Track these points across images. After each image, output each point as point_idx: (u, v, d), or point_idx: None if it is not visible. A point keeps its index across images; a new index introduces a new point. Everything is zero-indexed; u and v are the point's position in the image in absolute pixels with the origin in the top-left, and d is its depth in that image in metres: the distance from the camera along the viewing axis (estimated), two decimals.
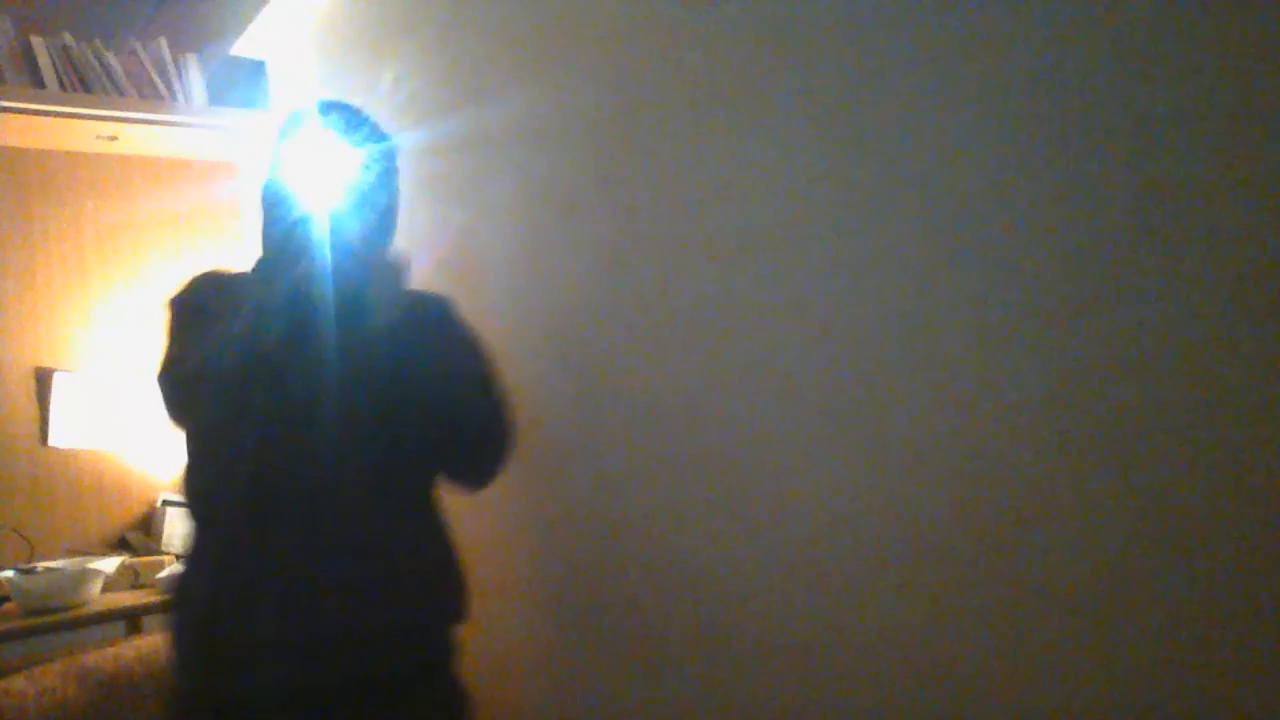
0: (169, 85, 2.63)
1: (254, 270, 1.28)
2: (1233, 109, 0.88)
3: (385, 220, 1.29)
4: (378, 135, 1.34)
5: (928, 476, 1.15)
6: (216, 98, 2.76)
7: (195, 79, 2.68)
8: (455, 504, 1.50)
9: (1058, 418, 1.02)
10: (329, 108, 1.32)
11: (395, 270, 1.24)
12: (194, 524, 1.29)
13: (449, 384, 1.28)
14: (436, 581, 1.33)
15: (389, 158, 1.27)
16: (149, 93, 2.59)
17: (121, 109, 2.52)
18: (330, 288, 1.17)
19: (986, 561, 1.09)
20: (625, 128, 1.56)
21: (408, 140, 2.15)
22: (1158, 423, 0.94)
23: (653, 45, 1.49)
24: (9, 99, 2.36)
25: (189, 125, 2.63)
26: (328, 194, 1.22)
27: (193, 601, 1.24)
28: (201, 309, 1.27)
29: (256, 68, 2.83)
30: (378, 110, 2.25)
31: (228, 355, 1.16)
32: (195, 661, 1.24)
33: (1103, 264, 0.98)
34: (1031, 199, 1.03)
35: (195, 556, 1.28)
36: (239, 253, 2.74)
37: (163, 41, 2.66)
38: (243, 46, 2.69)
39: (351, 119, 1.32)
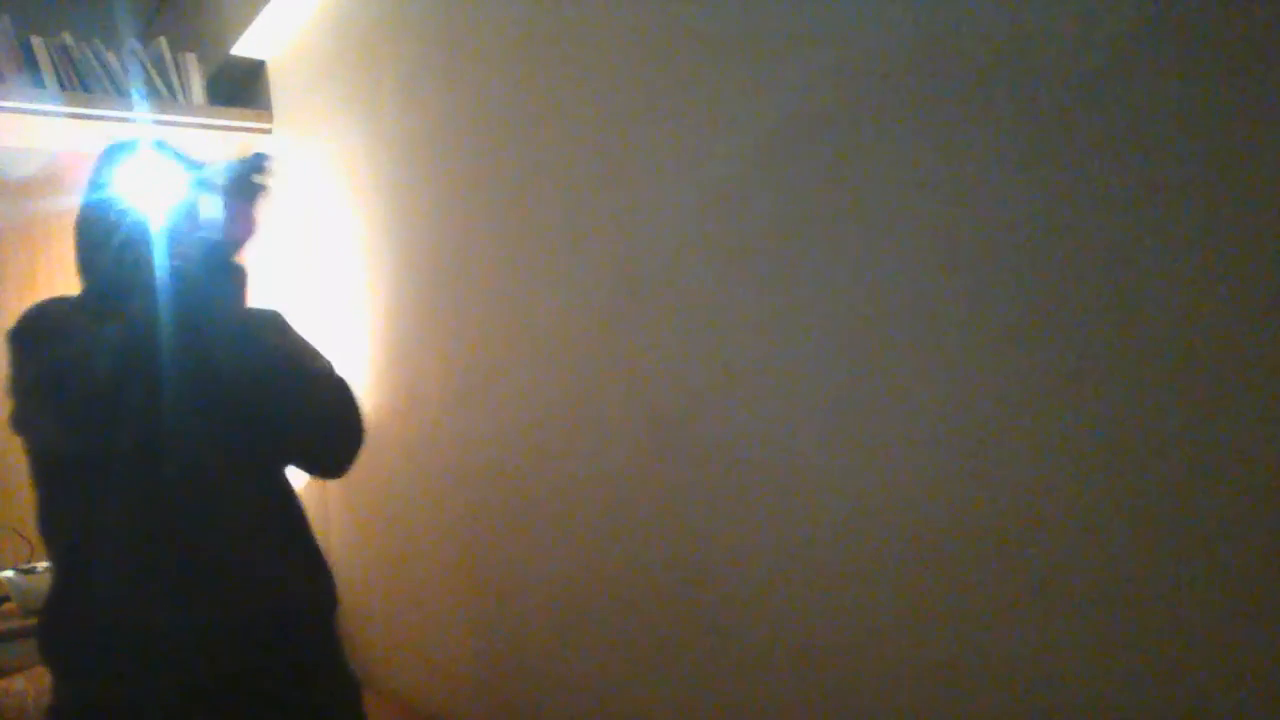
0: (169, 85, 2.64)
1: (85, 295, 1.31)
2: (1233, 109, 0.88)
3: (217, 239, 1.28)
4: (194, 163, 1.35)
5: (928, 476, 1.15)
6: (216, 98, 2.76)
7: (195, 79, 2.69)
8: (453, 505, 1.50)
9: (1058, 418, 1.02)
10: (149, 141, 1.35)
11: (224, 274, 1.24)
12: (59, 553, 1.28)
13: (309, 378, 1.30)
14: (309, 574, 1.35)
15: (212, 182, 1.28)
16: (149, 93, 2.60)
17: (121, 109, 2.52)
18: (167, 303, 1.17)
19: (987, 561, 1.09)
20: (626, 127, 1.56)
21: (409, 138, 2.15)
22: (1158, 423, 0.94)
23: (652, 43, 1.49)
24: (9, 99, 2.36)
25: (189, 125, 2.64)
26: (153, 216, 1.25)
27: (73, 620, 1.23)
28: (47, 327, 1.27)
29: (256, 68, 2.83)
30: (378, 109, 2.26)
31: (74, 379, 1.16)
32: (82, 671, 1.23)
33: (1103, 264, 0.98)
34: (1032, 199, 1.03)
35: (68, 578, 1.26)
36: None
37: (163, 41, 2.66)
38: (243, 46, 2.69)
39: (168, 149, 1.35)
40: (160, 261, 1.20)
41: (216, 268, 1.21)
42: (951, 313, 1.12)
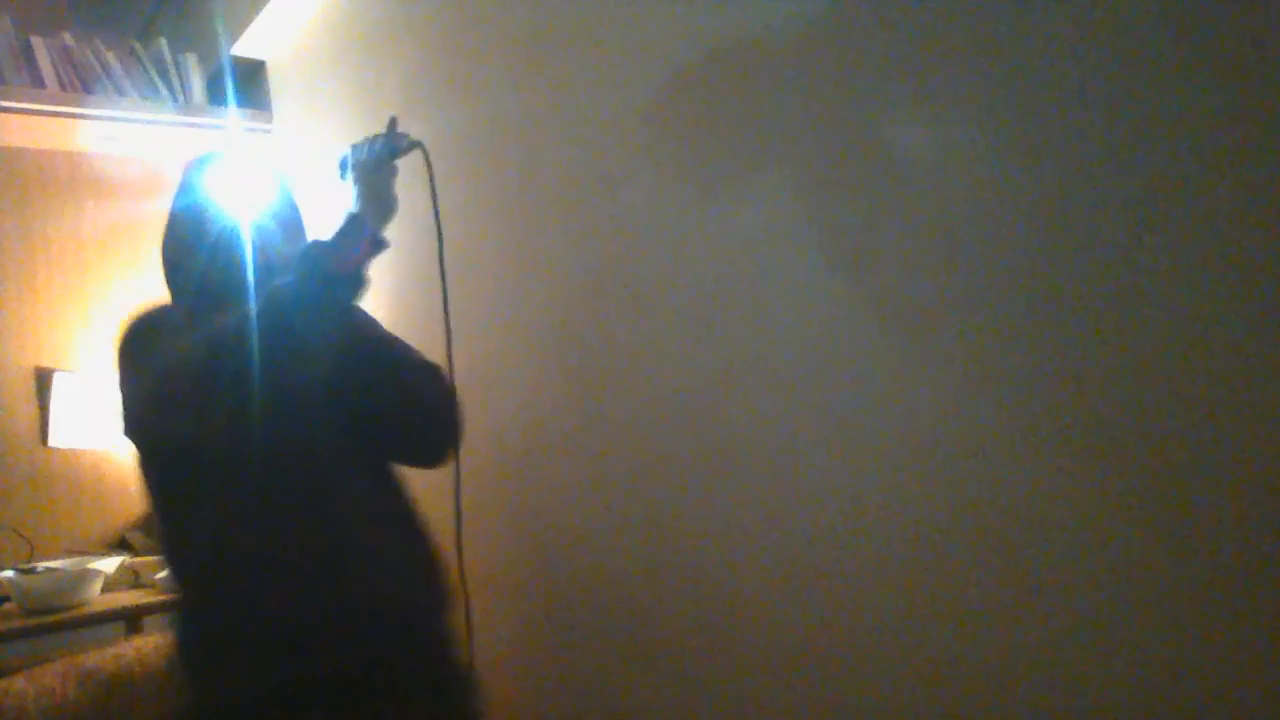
0: (169, 85, 2.64)
1: (179, 302, 1.32)
2: (1233, 109, 0.88)
3: (293, 239, 1.32)
4: (276, 175, 1.39)
5: (928, 476, 1.15)
6: (216, 98, 2.76)
7: (195, 79, 2.68)
8: (453, 504, 1.50)
9: (1058, 417, 1.02)
10: (233, 155, 1.37)
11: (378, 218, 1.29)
12: (191, 570, 1.28)
13: (407, 372, 1.32)
14: (416, 571, 1.35)
15: (288, 191, 1.31)
16: (149, 93, 2.59)
17: (121, 109, 2.52)
18: (264, 309, 1.18)
19: (987, 561, 1.09)
20: (625, 126, 1.56)
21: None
22: (1158, 422, 0.94)
23: (652, 44, 1.49)
24: (9, 99, 2.36)
25: (189, 125, 2.63)
26: (245, 223, 1.27)
27: (212, 632, 1.25)
28: (151, 340, 1.28)
29: (256, 68, 2.83)
30: (379, 109, 2.26)
31: (196, 386, 1.17)
32: (221, 679, 1.25)
33: (1103, 264, 0.98)
34: (1032, 199, 1.03)
35: (203, 594, 1.28)
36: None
37: (163, 41, 2.66)
38: (243, 46, 2.69)
39: (250, 164, 1.37)
40: (253, 268, 1.22)
41: (320, 275, 1.20)
42: (951, 313, 1.12)
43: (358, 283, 1.23)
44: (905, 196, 1.16)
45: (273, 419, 1.18)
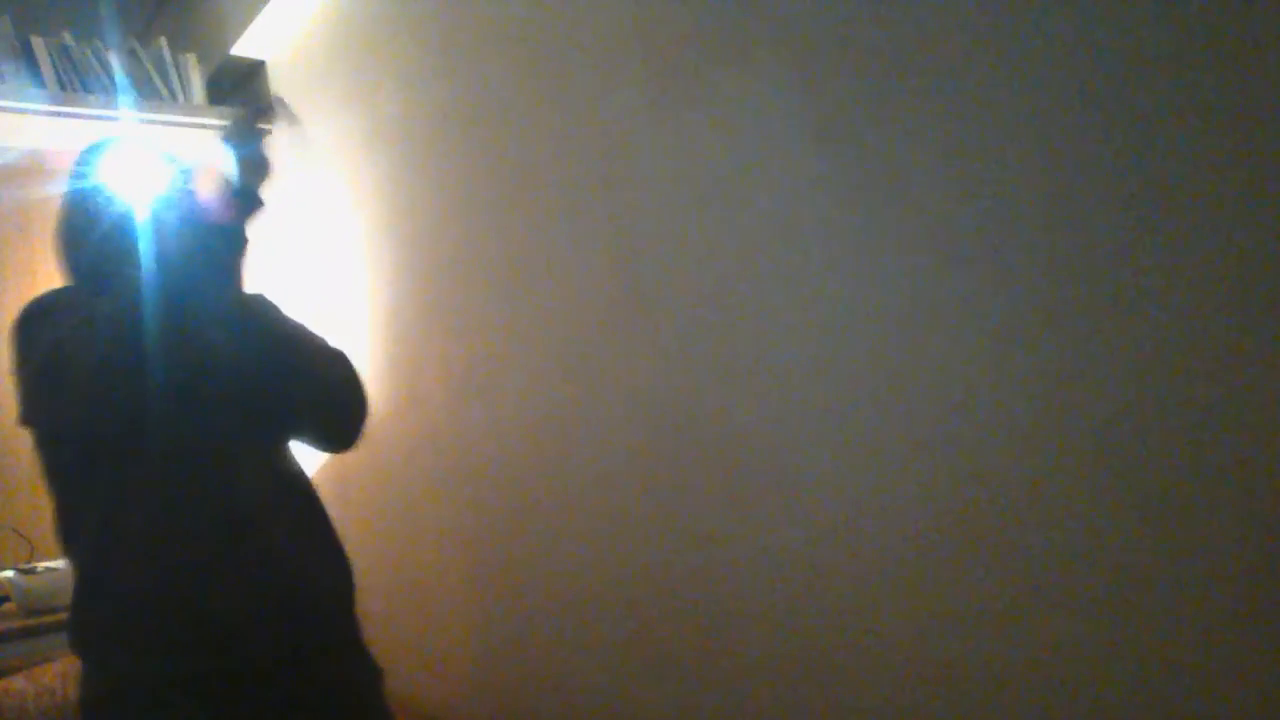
0: (169, 85, 2.64)
1: (76, 286, 1.31)
2: (1233, 109, 0.88)
3: (204, 231, 1.30)
4: (171, 161, 1.36)
5: (928, 476, 1.15)
6: (216, 98, 2.76)
7: (195, 79, 2.69)
8: (453, 504, 1.50)
9: (1058, 418, 1.02)
10: (132, 137, 1.38)
11: (222, 242, 1.26)
12: (81, 551, 1.28)
13: (310, 353, 1.32)
14: (328, 556, 1.36)
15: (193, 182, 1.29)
16: (149, 93, 2.60)
17: (121, 109, 2.52)
18: (158, 282, 1.18)
19: (987, 561, 1.09)
20: (626, 126, 1.56)
21: (408, 138, 2.15)
22: (1158, 422, 0.94)
23: (652, 45, 1.49)
24: (9, 99, 2.36)
25: (189, 125, 2.64)
26: (137, 206, 1.25)
27: (99, 609, 1.25)
28: (45, 315, 1.27)
29: (256, 68, 2.83)
30: (379, 109, 2.26)
31: (76, 356, 1.16)
32: (111, 662, 1.25)
33: (1102, 264, 0.98)
34: (1032, 198, 1.03)
35: (92, 572, 1.27)
36: None
37: (163, 41, 2.66)
38: (243, 46, 2.69)
39: (151, 145, 1.36)
40: (145, 249, 1.20)
41: (210, 246, 1.21)
42: (952, 313, 1.12)
43: (236, 238, 1.25)
44: (906, 196, 1.16)
45: (166, 397, 1.18)
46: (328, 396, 1.33)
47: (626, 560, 1.62)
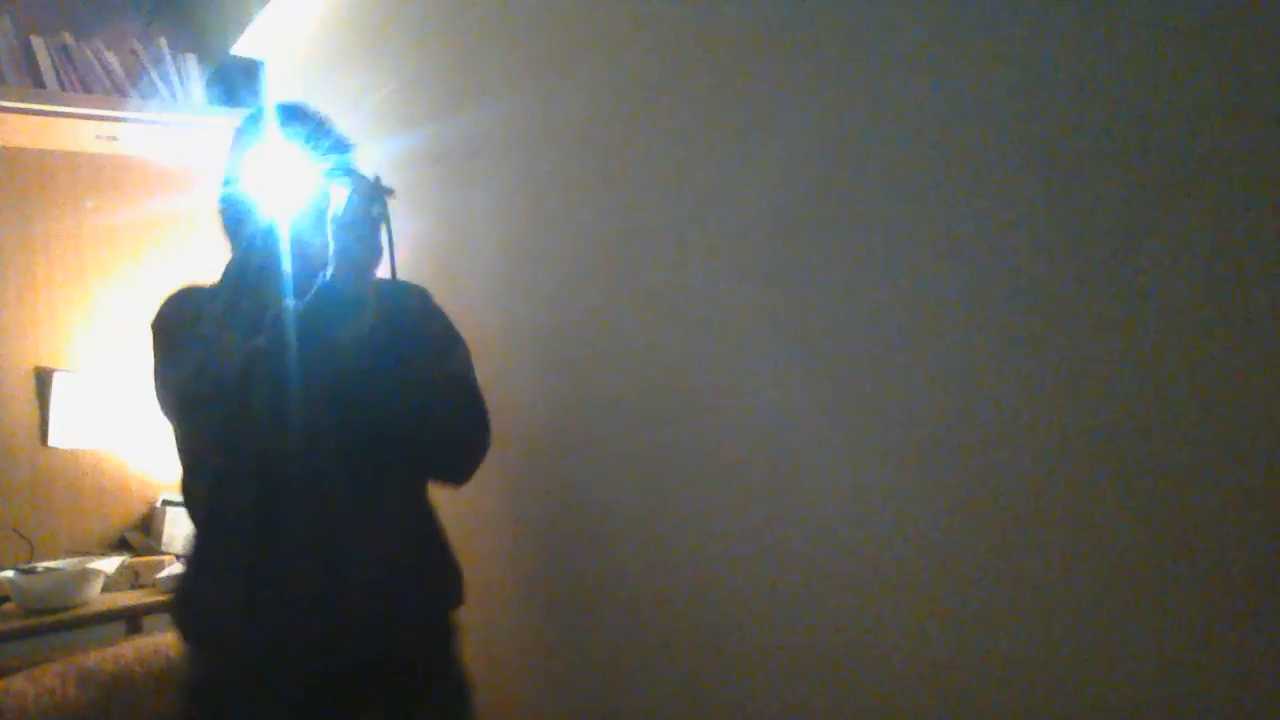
0: (169, 85, 2.64)
1: (225, 280, 1.32)
2: (1233, 109, 0.88)
3: (359, 244, 1.28)
4: (339, 139, 1.36)
5: (928, 476, 1.15)
6: (216, 98, 2.76)
7: (195, 79, 2.69)
8: (453, 505, 1.50)
9: (1058, 417, 1.02)
10: (290, 112, 1.34)
11: (365, 289, 1.24)
12: (195, 527, 1.33)
13: (429, 381, 1.31)
14: (430, 569, 1.38)
15: (363, 188, 1.26)
16: (149, 93, 2.60)
17: (121, 109, 2.52)
18: (306, 292, 1.19)
19: (987, 561, 1.09)
20: (625, 127, 1.56)
21: (408, 138, 2.15)
22: (1158, 423, 0.94)
23: (652, 45, 1.49)
24: (9, 99, 2.36)
25: (189, 125, 2.64)
26: (292, 199, 1.25)
27: (197, 600, 1.29)
28: (183, 326, 1.29)
29: (256, 68, 2.83)
30: (378, 109, 2.26)
31: (217, 368, 1.19)
32: (204, 656, 1.30)
33: (1102, 264, 0.98)
34: (1031, 198, 1.03)
35: (197, 557, 1.32)
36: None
37: (163, 41, 2.66)
38: (243, 46, 2.69)
39: (313, 123, 1.34)
40: (288, 269, 1.22)
41: (340, 296, 1.20)
42: (951, 312, 1.12)
43: (374, 247, 1.25)
44: (907, 194, 1.16)
45: (300, 425, 1.20)
46: (447, 437, 1.33)
47: (625, 559, 1.62)
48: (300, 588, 1.24)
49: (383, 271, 1.29)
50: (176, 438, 1.33)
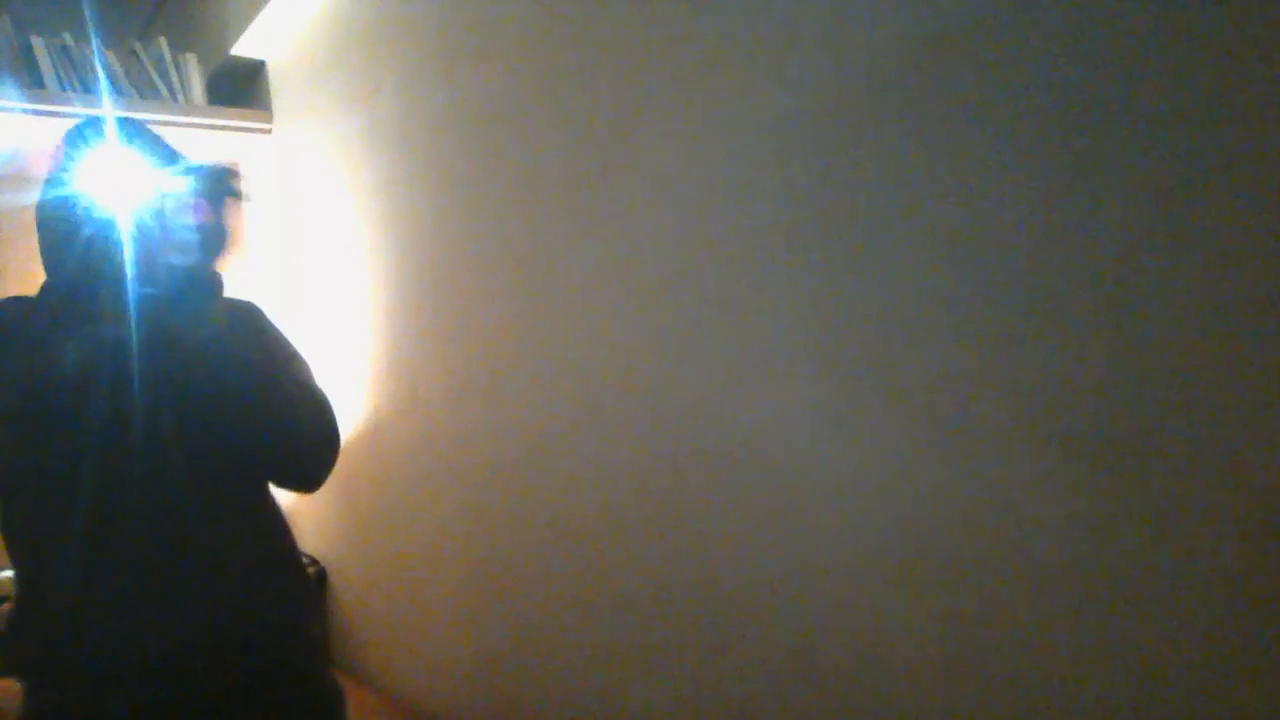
0: (169, 85, 2.64)
1: (42, 294, 1.25)
2: (1233, 109, 0.88)
3: (186, 235, 1.23)
4: (170, 153, 1.29)
5: (928, 476, 1.15)
6: (216, 98, 2.76)
7: (195, 79, 2.69)
8: (453, 504, 1.50)
9: (1058, 418, 1.02)
10: (125, 122, 1.27)
11: (197, 284, 1.20)
12: (18, 562, 1.25)
13: (264, 389, 1.23)
14: (280, 583, 1.32)
15: (206, 173, 1.22)
16: (149, 93, 2.60)
17: (121, 109, 2.52)
18: (125, 304, 1.13)
19: (987, 561, 1.09)
20: (626, 127, 1.56)
21: (408, 139, 2.15)
22: (1157, 423, 0.94)
23: (653, 44, 1.49)
24: (9, 99, 2.36)
25: (189, 125, 2.64)
26: (115, 208, 1.18)
27: (29, 633, 1.21)
28: (3, 343, 1.22)
29: (256, 68, 2.83)
30: (378, 109, 2.26)
31: (26, 387, 1.13)
32: (46, 688, 1.21)
33: (1103, 264, 0.98)
34: (1031, 198, 1.03)
35: (23, 589, 1.24)
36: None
37: (163, 41, 2.66)
38: (243, 46, 2.69)
39: (141, 135, 1.27)
40: (127, 269, 1.14)
41: (186, 287, 1.16)
42: (952, 312, 1.12)
43: (218, 239, 1.20)
44: (907, 194, 1.16)
45: (119, 427, 1.15)
46: (292, 441, 1.25)
47: (625, 559, 1.62)
48: (135, 608, 1.17)
49: (230, 254, 1.25)
50: None
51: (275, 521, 1.36)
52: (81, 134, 1.24)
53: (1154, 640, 0.95)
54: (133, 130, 1.26)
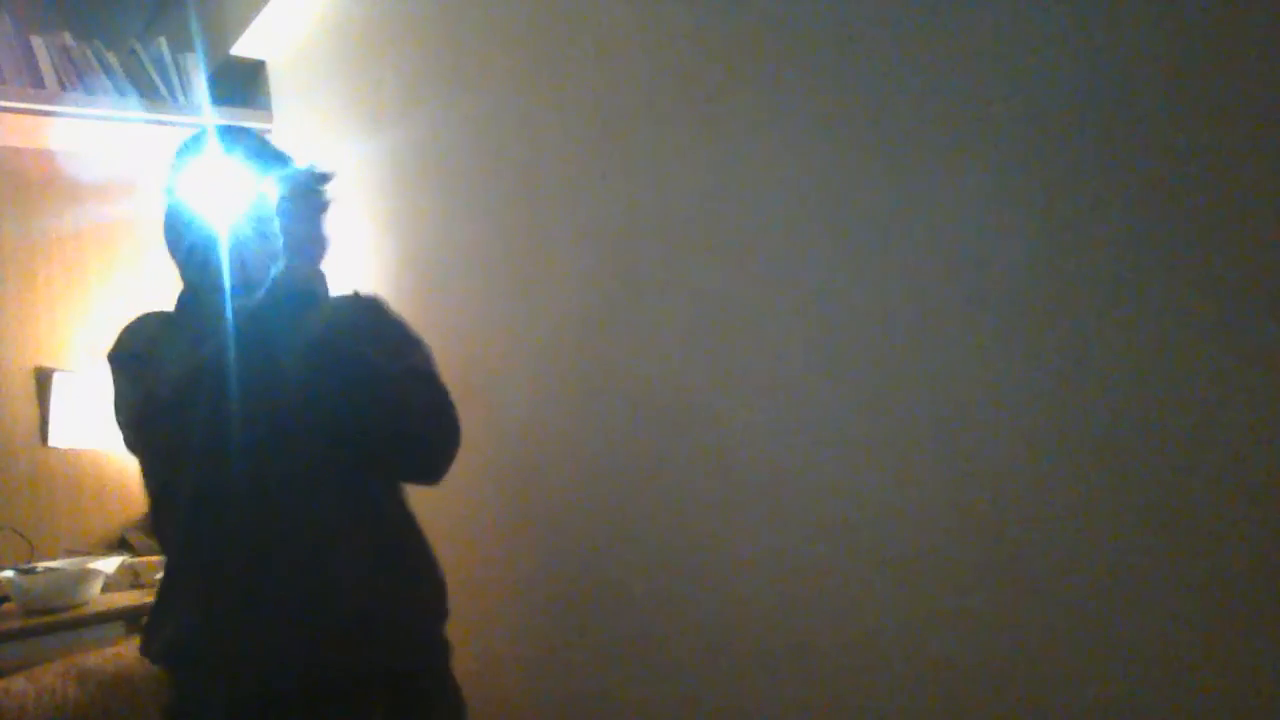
0: (169, 85, 2.64)
1: (179, 306, 1.32)
2: (1233, 109, 0.88)
3: (301, 237, 1.31)
4: (280, 158, 1.35)
5: (927, 476, 1.15)
6: (216, 98, 2.76)
7: (195, 79, 2.68)
8: (453, 504, 1.50)
9: (1057, 418, 1.02)
10: (229, 132, 1.33)
11: (315, 282, 1.27)
12: (168, 555, 1.33)
13: (390, 376, 1.26)
14: (413, 581, 1.35)
15: (299, 179, 1.28)
16: (149, 93, 2.59)
17: (121, 109, 2.52)
18: (258, 310, 1.20)
19: (986, 561, 1.09)
20: (627, 126, 1.56)
21: (408, 139, 2.15)
22: (1157, 423, 0.94)
23: (654, 44, 1.49)
24: (9, 99, 2.36)
25: (189, 125, 2.63)
26: (235, 216, 1.23)
27: (171, 626, 1.27)
28: (140, 356, 1.29)
29: (256, 68, 2.83)
30: (378, 109, 2.26)
31: (175, 394, 1.19)
32: (187, 681, 1.28)
33: (1102, 264, 0.98)
34: (1031, 199, 1.03)
35: (169, 583, 1.31)
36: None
37: (163, 41, 2.66)
38: (243, 46, 2.69)
39: (251, 142, 1.34)
40: (227, 280, 1.21)
41: (301, 288, 1.21)
42: (951, 312, 1.12)
43: (320, 242, 1.30)
44: (907, 195, 1.16)
45: (249, 432, 1.19)
46: (409, 430, 1.26)
47: (624, 560, 1.62)
48: (274, 606, 1.22)
49: (331, 257, 1.29)
50: (142, 470, 1.31)
51: (405, 520, 1.38)
52: (194, 145, 1.31)
53: (1154, 640, 0.95)
54: (240, 139, 1.32)
